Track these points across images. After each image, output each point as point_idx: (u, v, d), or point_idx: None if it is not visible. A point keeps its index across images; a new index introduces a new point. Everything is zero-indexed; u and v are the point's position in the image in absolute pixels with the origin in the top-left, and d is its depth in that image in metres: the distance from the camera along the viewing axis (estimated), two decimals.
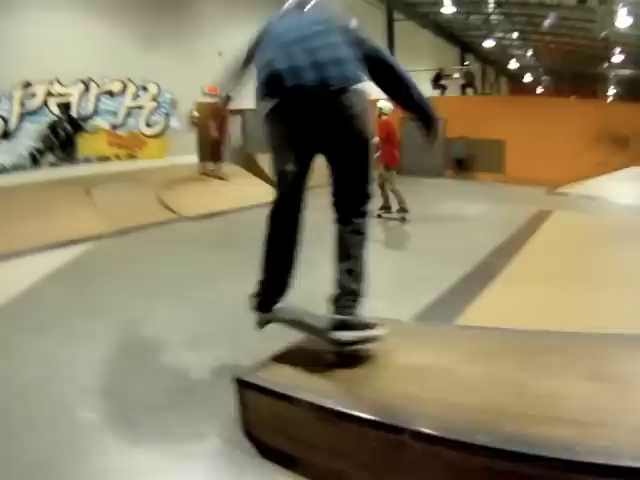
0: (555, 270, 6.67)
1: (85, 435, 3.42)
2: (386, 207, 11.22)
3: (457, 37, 36.30)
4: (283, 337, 4.10)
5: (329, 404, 2.74)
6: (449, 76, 25.55)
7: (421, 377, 3.06)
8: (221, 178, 14.50)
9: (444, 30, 34.04)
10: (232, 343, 4.69)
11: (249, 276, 6.66)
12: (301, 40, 3.20)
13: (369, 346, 3.32)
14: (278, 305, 3.76)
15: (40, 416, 3.67)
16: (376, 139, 9.49)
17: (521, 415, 2.48)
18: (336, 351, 3.36)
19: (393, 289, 6.14)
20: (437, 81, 24.51)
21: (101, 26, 15.24)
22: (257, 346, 4.16)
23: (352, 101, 3.18)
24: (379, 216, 10.88)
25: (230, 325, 5.02)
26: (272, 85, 3.23)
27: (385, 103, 10.48)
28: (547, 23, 25.15)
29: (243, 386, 3.16)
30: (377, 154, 10.03)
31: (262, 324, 3.85)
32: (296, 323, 3.73)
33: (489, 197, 15.04)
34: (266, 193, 12.37)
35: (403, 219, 10.87)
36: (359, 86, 3.22)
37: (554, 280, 6.15)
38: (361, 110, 3.26)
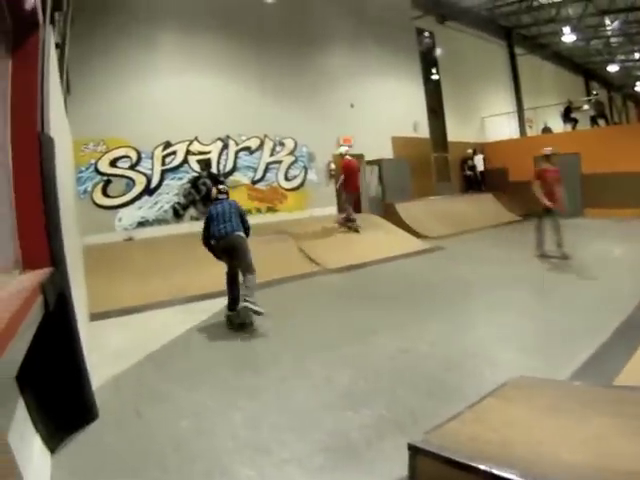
0: None
1: None
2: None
3: (579, 65, 35.15)
4: (441, 396, 4.33)
5: (511, 474, 2.50)
6: (579, 108, 24.58)
7: (599, 445, 2.81)
8: (355, 230, 14.33)
9: (566, 60, 33.27)
10: (390, 401, 4.43)
11: (399, 331, 6.51)
12: (222, 216, 7.44)
13: None
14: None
15: (195, 470, 3.57)
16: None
17: None
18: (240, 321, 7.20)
19: (547, 343, 5.80)
20: (567, 115, 23.60)
21: (237, 87, 15.76)
22: (415, 405, 4.23)
23: (239, 235, 7.40)
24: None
25: (386, 382, 4.87)
26: (215, 234, 7.41)
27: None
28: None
29: (416, 452, 2.96)
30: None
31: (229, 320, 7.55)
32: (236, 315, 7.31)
33: (634, 237, 14.06)
34: (406, 243, 12.33)
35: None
36: (240, 232, 7.43)
37: None
38: (243, 238, 7.45)
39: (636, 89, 39.88)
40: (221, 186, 8.35)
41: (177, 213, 14.21)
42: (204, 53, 15.03)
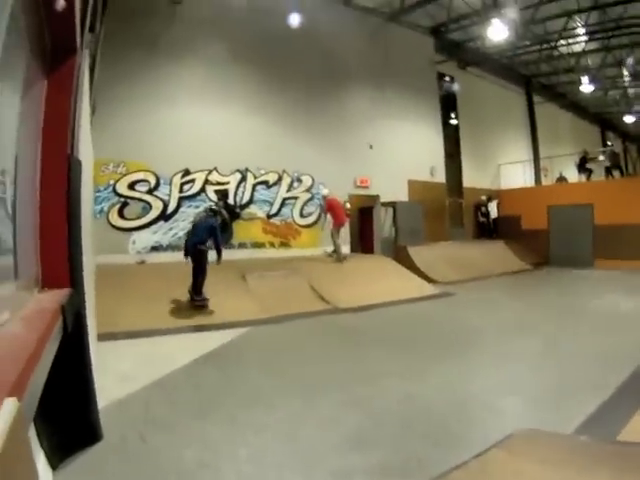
0: None
1: None
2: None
3: (596, 115, 35.51)
4: (446, 443, 4.30)
5: None
6: (594, 159, 24.67)
7: None
8: (339, 260, 14.87)
9: (582, 109, 33.60)
10: (396, 445, 4.37)
11: (406, 375, 6.50)
12: (195, 231, 10.23)
13: None
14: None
15: None
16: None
17: None
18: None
19: (553, 397, 5.69)
20: (583, 165, 23.70)
21: (259, 121, 15.99)
22: (421, 450, 4.17)
23: (203, 247, 9.94)
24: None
25: (393, 426, 4.81)
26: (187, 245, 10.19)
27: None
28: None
29: None
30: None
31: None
32: None
33: None
34: (416, 287, 12.34)
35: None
36: (206, 245, 9.96)
37: None
38: (206, 249, 9.96)
39: None
40: (214, 206, 11.19)
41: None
42: (229, 86, 15.31)
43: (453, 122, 23.87)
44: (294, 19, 16.12)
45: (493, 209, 23.97)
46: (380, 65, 19.60)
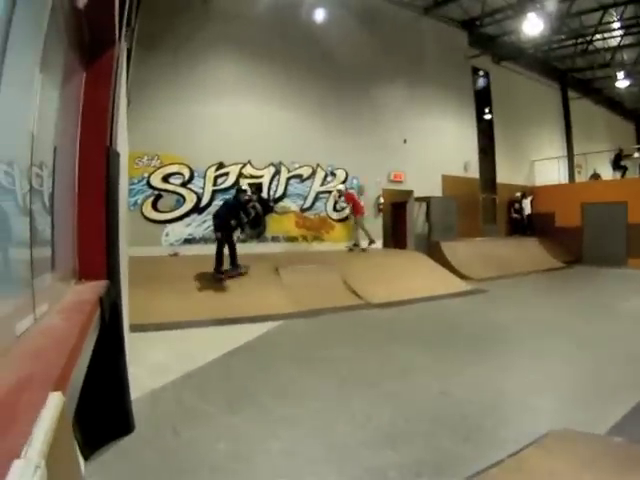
0: None
1: None
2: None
3: (631, 111, 34.81)
4: (478, 441, 4.29)
5: None
6: (629, 156, 24.29)
7: None
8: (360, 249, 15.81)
9: (618, 105, 32.93)
10: (429, 443, 4.35)
11: (439, 372, 6.50)
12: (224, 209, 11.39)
13: None
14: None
15: None
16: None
17: None
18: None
19: (586, 397, 5.65)
20: (617, 162, 23.33)
21: (293, 115, 15.99)
22: (454, 449, 4.15)
23: (232, 224, 11.05)
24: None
25: (425, 423, 4.79)
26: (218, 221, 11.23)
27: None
28: None
29: None
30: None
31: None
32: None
33: None
34: (448, 283, 12.25)
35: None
36: (233, 222, 11.06)
37: None
38: (233, 225, 11.14)
39: None
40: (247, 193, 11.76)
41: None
42: (263, 79, 15.34)
43: (487, 117, 23.57)
44: (324, 14, 16.12)
45: (527, 206, 23.69)
46: (414, 59, 19.47)
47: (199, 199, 14.19)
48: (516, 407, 5.24)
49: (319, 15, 16.16)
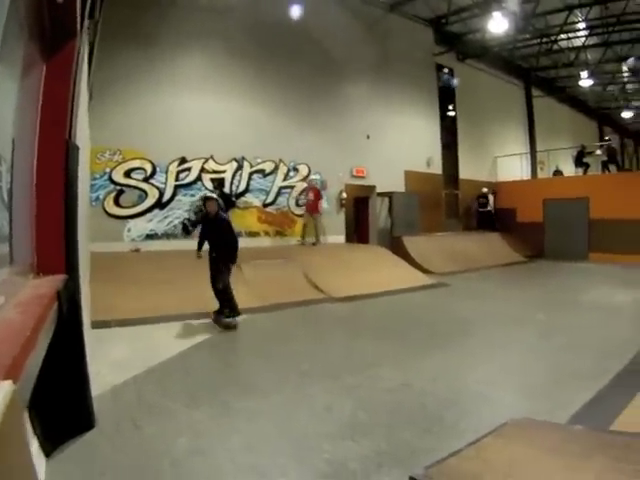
0: None
1: None
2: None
3: (594, 110, 35.64)
4: (439, 433, 4.38)
5: None
6: (591, 153, 24.75)
7: None
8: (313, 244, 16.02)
9: (581, 103, 33.65)
10: (389, 434, 4.41)
11: (400, 364, 6.57)
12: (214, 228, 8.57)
13: None
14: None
15: None
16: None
17: None
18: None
19: (547, 387, 5.77)
20: (580, 159, 23.76)
21: (256, 110, 15.89)
22: (413, 439, 4.24)
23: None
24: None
25: (386, 415, 4.86)
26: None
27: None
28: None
29: None
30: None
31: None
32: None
33: (638, 283, 14.21)
34: (410, 277, 12.38)
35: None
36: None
37: None
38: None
39: None
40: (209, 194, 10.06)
41: (186, 229, 14.27)
42: (226, 75, 15.25)
43: (451, 114, 23.86)
44: (293, 10, 16.14)
45: (490, 201, 24.03)
46: (379, 56, 19.56)
47: (161, 194, 14.04)
48: (477, 398, 5.32)
49: (286, 12, 16.13)
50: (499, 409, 4.81)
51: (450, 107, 23.82)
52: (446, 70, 23.67)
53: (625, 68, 25.21)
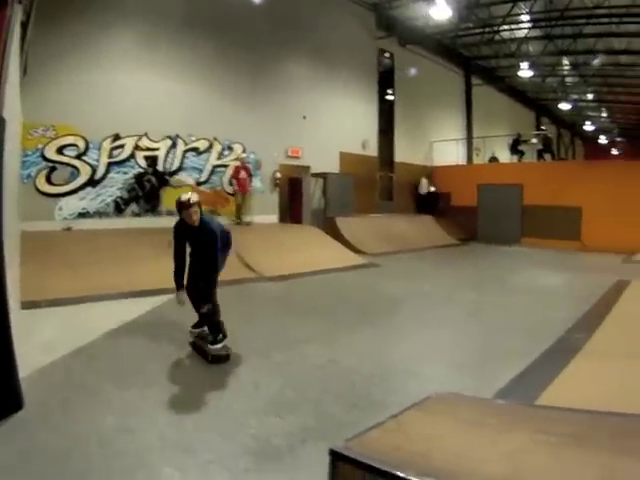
0: (635, 346, 6.45)
1: None
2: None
3: (532, 100, 36.53)
4: (365, 408, 4.50)
5: None
6: (527, 141, 25.44)
7: (515, 458, 2.93)
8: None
9: (520, 93, 34.38)
10: (315, 410, 4.59)
11: (329, 342, 6.77)
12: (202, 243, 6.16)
13: None
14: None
15: (119, 467, 3.58)
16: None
17: None
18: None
19: (474, 364, 6.02)
20: (515, 147, 24.40)
21: (191, 87, 15.72)
22: (341, 415, 4.39)
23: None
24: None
25: (313, 391, 5.00)
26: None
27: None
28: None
29: (337, 458, 2.93)
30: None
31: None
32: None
33: (566, 266, 14.92)
34: (342, 257, 12.50)
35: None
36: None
37: (636, 356, 5.98)
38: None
39: (584, 128, 41.44)
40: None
41: (119, 207, 14.08)
42: (161, 52, 14.97)
43: (390, 98, 24.02)
44: None
45: (425, 185, 24.43)
46: (320, 37, 19.56)
47: (94, 172, 13.74)
48: (404, 374, 5.51)
49: None
50: (425, 385, 4.95)
51: (389, 91, 23.98)
52: (387, 55, 23.79)
53: (566, 61, 25.76)
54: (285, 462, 3.72)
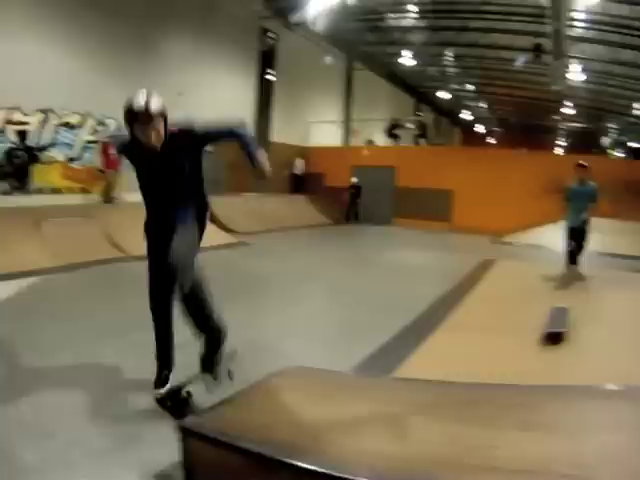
0: (493, 321, 6.91)
1: (22, 478, 3.25)
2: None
3: (413, 87, 37.72)
4: (229, 384, 4.50)
5: (269, 453, 2.74)
6: (403, 126, 26.33)
7: (358, 428, 3.16)
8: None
9: (400, 80, 35.35)
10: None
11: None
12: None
13: None
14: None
15: None
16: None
17: (455, 464, 2.59)
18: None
19: (334, 339, 6.32)
20: (391, 131, 25.24)
21: (65, 58, 15.30)
22: (194, 392, 4.42)
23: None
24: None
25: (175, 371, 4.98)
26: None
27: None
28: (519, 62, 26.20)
29: (186, 434, 3.09)
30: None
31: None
32: None
33: (435, 245, 15.80)
34: (213, 236, 12.38)
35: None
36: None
37: (492, 330, 6.41)
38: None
39: (461, 116, 43.31)
40: None
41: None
42: (32, 18, 14.39)
43: (271, 78, 24.35)
44: None
45: (301, 165, 25.11)
46: (204, 11, 19.65)
47: None
48: (265, 351, 5.58)
49: None
50: (286, 360, 4.94)
51: (270, 71, 24.26)
52: (270, 34, 24.06)
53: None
54: (143, 441, 3.78)
